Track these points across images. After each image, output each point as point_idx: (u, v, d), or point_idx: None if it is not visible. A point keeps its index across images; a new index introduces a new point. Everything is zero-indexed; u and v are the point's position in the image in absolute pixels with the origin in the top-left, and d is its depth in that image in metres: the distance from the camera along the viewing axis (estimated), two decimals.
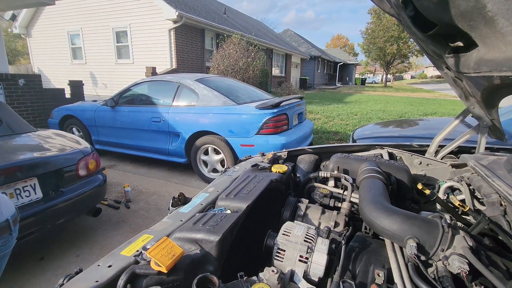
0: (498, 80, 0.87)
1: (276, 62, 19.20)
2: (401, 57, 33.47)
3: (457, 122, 1.49)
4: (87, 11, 11.60)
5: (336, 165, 1.33)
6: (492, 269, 0.71)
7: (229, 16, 15.91)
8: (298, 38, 31.28)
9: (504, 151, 1.50)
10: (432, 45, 1.07)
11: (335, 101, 14.06)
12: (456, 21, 0.71)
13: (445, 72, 1.24)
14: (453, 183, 1.24)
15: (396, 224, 0.83)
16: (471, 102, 1.31)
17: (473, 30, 0.66)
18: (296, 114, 4.23)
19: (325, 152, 1.67)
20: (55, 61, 13.06)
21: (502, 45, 0.59)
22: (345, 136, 6.42)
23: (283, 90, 16.02)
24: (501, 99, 1.21)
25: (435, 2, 0.73)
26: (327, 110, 10.25)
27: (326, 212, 1.08)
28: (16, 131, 2.70)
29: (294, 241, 0.88)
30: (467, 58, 0.80)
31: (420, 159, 1.48)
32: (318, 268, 0.82)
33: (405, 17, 1.00)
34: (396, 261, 0.82)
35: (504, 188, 0.86)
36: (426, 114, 9.86)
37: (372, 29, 32.00)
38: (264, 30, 21.67)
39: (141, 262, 0.72)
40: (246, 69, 10.82)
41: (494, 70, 0.64)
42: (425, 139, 1.61)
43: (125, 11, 10.90)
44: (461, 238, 0.76)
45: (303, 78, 24.03)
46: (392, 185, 1.18)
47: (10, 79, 5.55)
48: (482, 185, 1.03)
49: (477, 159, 1.16)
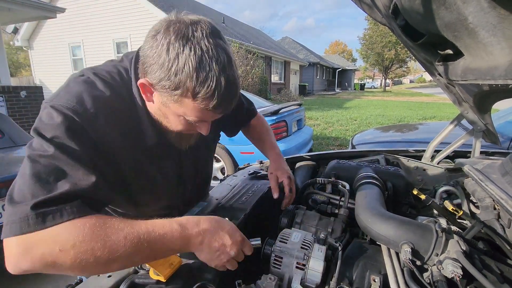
0: (487, 87, 0.89)
1: (275, 69, 19.38)
2: (399, 62, 33.76)
3: (452, 127, 1.51)
4: (88, 23, 11.79)
5: (333, 171, 1.35)
6: (485, 273, 0.72)
7: (228, 25, 16.13)
8: (296, 45, 31.62)
9: (499, 155, 1.51)
10: (423, 53, 1.09)
11: (334, 106, 14.13)
12: (442, 32, 0.74)
13: (438, 78, 1.26)
14: (449, 187, 1.26)
15: (391, 229, 0.84)
16: (465, 107, 1.33)
17: (458, 40, 0.69)
18: (295, 120, 4.26)
19: (322, 158, 1.69)
20: (56, 73, 13.22)
21: (485, 54, 0.61)
22: (344, 141, 6.44)
23: (282, 97, 16.12)
24: (492, 104, 1.24)
25: (422, 13, 0.76)
26: (327, 116, 10.29)
27: (323, 219, 1.09)
28: (17, 143, 2.73)
29: (291, 248, 0.89)
30: (455, 67, 0.83)
31: (416, 164, 1.50)
32: (315, 275, 0.83)
33: (395, 26, 1.03)
34: (392, 267, 0.83)
35: (497, 192, 0.88)
36: (425, 118, 9.89)
37: (370, 35, 32.35)
38: (263, 38, 21.93)
39: (140, 271, 0.74)
40: (245, 77, 10.93)
41: (479, 79, 0.66)
42: (425, 143, 1.63)
43: (125, 23, 11.08)
44: (455, 242, 0.77)
45: (302, 84, 24.21)
46: (388, 190, 1.20)
47: (12, 91, 5.62)
48: (476, 189, 1.04)
49: (472, 163, 1.18)
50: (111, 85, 0.72)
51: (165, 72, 0.62)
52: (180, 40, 0.60)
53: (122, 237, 0.58)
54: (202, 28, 0.62)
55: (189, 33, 0.61)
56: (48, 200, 0.56)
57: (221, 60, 0.62)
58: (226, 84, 0.63)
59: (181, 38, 0.60)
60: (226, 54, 0.64)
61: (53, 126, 0.62)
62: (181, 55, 0.60)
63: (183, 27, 0.61)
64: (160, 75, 0.63)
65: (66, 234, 0.55)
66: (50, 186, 0.58)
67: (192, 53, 0.59)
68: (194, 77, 0.60)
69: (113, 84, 0.73)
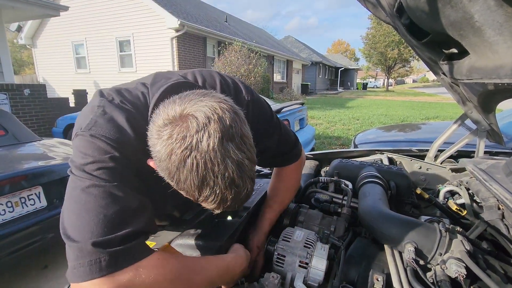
0: (491, 86, 0.88)
1: (278, 68, 19.34)
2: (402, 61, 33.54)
3: (455, 126, 1.50)
4: (91, 21, 11.81)
5: (336, 170, 1.35)
6: (489, 273, 0.72)
7: (230, 24, 16.12)
8: (299, 44, 31.53)
9: (503, 155, 1.50)
10: (427, 52, 1.09)
11: (336, 106, 14.09)
12: (448, 30, 0.74)
13: (442, 77, 1.26)
14: (452, 187, 1.25)
15: (394, 229, 0.84)
16: (469, 106, 1.33)
17: (463, 39, 0.68)
18: (298, 119, 4.26)
19: (325, 158, 1.68)
20: (59, 71, 13.27)
21: (490, 53, 0.61)
22: (347, 141, 6.42)
23: (284, 96, 16.10)
24: (497, 104, 1.23)
25: (427, 12, 0.76)
26: (329, 115, 10.27)
27: (326, 218, 1.09)
28: (21, 141, 2.75)
29: (294, 247, 0.89)
30: (460, 65, 0.82)
31: (420, 164, 1.49)
32: (318, 273, 0.83)
33: (400, 25, 1.03)
34: (395, 266, 0.83)
35: (501, 192, 0.87)
36: (428, 118, 9.84)
37: (373, 34, 32.16)
38: (265, 37, 21.89)
39: None
40: (247, 76, 10.92)
41: (485, 77, 0.65)
42: (429, 143, 1.62)
43: (128, 21, 11.09)
44: (458, 242, 0.77)
45: (304, 83, 24.14)
46: (391, 190, 1.19)
47: (16, 89, 5.65)
48: (480, 189, 1.04)
49: (476, 163, 1.17)
50: (135, 116, 0.68)
51: (168, 176, 0.57)
52: (184, 149, 0.52)
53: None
54: (210, 135, 0.52)
55: (194, 142, 0.52)
56: (113, 240, 0.54)
57: (229, 174, 0.55)
58: (234, 197, 0.58)
59: (185, 148, 0.52)
60: (238, 162, 0.56)
61: (99, 157, 0.60)
62: (182, 169, 0.54)
63: (188, 134, 0.53)
64: (164, 174, 0.58)
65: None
66: (114, 223, 0.56)
67: (194, 168, 0.53)
68: (196, 192, 0.56)
69: (136, 116, 0.68)
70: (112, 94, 0.70)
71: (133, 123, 0.66)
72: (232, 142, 0.55)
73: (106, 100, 0.68)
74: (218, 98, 0.58)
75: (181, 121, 0.54)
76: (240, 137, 0.56)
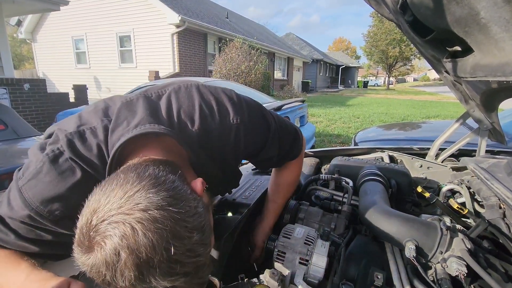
0: (495, 84, 0.88)
1: (278, 66, 19.28)
2: (404, 59, 33.45)
3: (457, 125, 1.49)
4: (91, 16, 11.75)
5: (336, 168, 1.34)
6: (490, 272, 0.72)
7: (231, 21, 16.04)
8: (300, 42, 31.41)
9: (504, 154, 1.50)
10: (430, 50, 1.08)
11: (337, 104, 14.07)
12: (452, 27, 0.73)
13: (445, 76, 1.25)
14: (453, 186, 1.25)
15: (395, 226, 0.84)
16: (471, 105, 1.32)
17: (469, 36, 0.68)
18: (298, 117, 4.25)
19: (326, 155, 1.68)
20: (59, 66, 13.23)
21: (496, 51, 0.60)
22: (347, 139, 6.42)
23: (285, 93, 16.06)
24: (500, 102, 1.22)
25: (432, 9, 0.75)
26: (329, 113, 10.26)
27: (326, 215, 1.09)
28: (21, 135, 2.74)
29: (294, 243, 0.89)
30: (464, 63, 0.81)
31: (421, 162, 1.49)
32: (318, 270, 0.83)
33: (403, 22, 1.02)
34: (396, 264, 0.83)
35: (503, 191, 0.87)
36: (429, 117, 9.83)
37: (374, 32, 32.02)
38: (266, 33, 21.80)
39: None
40: (248, 73, 10.88)
41: (489, 75, 0.65)
42: (429, 142, 1.61)
43: (129, 16, 11.04)
44: (459, 240, 0.76)
45: (305, 81, 24.09)
46: (392, 188, 1.19)
47: (16, 84, 5.64)
48: (482, 188, 1.04)
49: (477, 162, 1.17)
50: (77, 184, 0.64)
51: None
52: (101, 282, 0.46)
53: None
54: (123, 275, 0.44)
55: (108, 278, 0.45)
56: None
57: None
58: None
59: (101, 281, 0.46)
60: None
61: (16, 215, 0.67)
62: None
63: (100, 270, 0.45)
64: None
65: None
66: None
67: None
68: None
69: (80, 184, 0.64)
70: (64, 146, 0.63)
71: (68, 194, 0.63)
72: (158, 268, 0.45)
73: (50, 158, 0.64)
74: (152, 195, 0.47)
75: (89, 249, 0.45)
76: (169, 260, 0.45)
